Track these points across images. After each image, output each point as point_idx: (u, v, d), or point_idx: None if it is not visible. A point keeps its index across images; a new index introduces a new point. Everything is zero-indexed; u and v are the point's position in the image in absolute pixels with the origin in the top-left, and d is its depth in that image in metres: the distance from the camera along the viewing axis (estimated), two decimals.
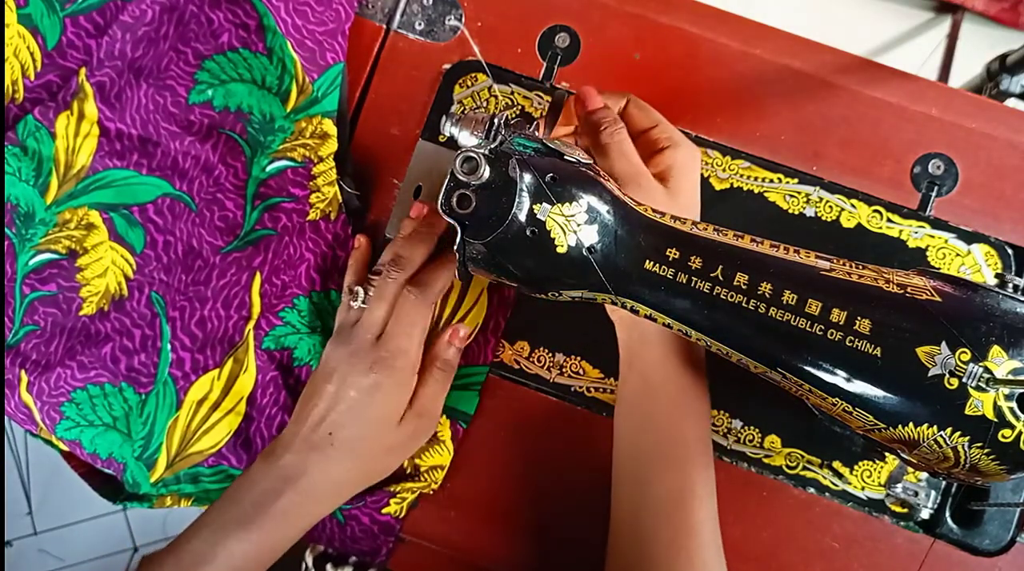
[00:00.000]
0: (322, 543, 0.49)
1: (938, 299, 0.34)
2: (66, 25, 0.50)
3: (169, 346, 0.47)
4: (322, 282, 0.48)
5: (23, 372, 0.48)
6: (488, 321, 0.48)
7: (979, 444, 0.33)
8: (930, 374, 0.33)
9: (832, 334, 0.35)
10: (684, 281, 0.37)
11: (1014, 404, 0.32)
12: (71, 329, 0.49)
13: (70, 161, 0.49)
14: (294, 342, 0.48)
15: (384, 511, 0.47)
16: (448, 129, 0.40)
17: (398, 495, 0.47)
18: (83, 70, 0.49)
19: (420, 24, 0.51)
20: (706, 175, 0.48)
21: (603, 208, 0.37)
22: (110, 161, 0.49)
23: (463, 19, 0.50)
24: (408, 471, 0.48)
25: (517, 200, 0.36)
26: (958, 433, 0.33)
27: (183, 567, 0.41)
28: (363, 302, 0.45)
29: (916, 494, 0.45)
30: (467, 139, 0.39)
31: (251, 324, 0.48)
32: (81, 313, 0.49)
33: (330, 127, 0.48)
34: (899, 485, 0.45)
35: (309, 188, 0.49)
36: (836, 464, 0.46)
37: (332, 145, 0.48)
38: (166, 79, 0.49)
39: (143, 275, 0.49)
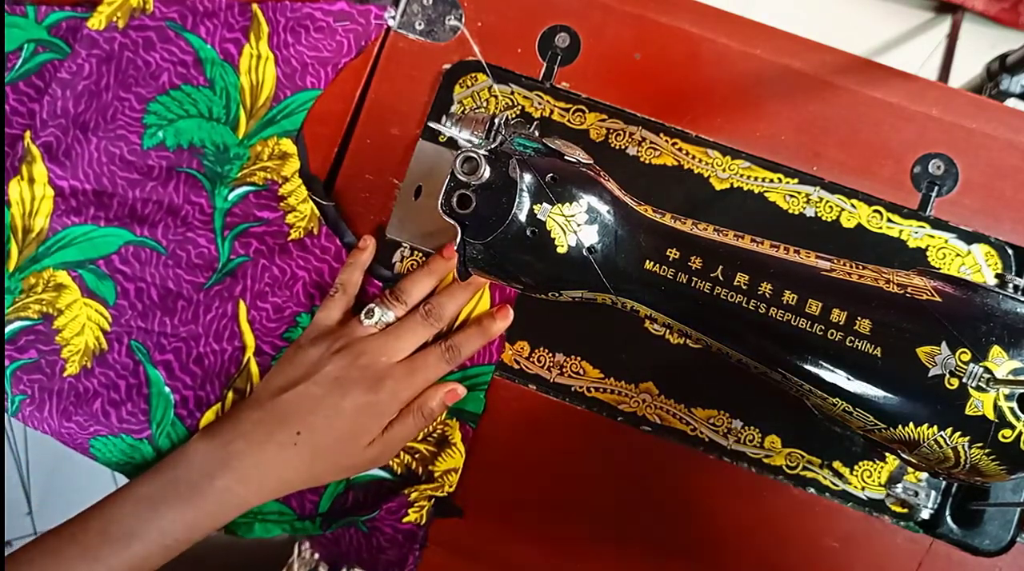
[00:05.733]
0: (351, 556, 0.48)
1: (938, 299, 0.34)
2: (7, 94, 0.50)
3: (167, 389, 0.48)
4: (322, 296, 0.48)
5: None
6: None
7: (979, 444, 0.33)
8: (930, 374, 0.33)
9: (832, 334, 0.35)
10: (684, 281, 0.37)
11: (1014, 404, 0.32)
12: (59, 391, 0.49)
13: (28, 225, 0.49)
14: None
15: (405, 520, 0.46)
16: (448, 129, 0.40)
17: (415, 503, 0.46)
18: (28, 133, 0.49)
19: (420, 24, 0.51)
20: (706, 175, 0.48)
21: (603, 208, 0.37)
22: (67, 219, 0.49)
23: (463, 19, 0.50)
24: (422, 476, 0.47)
25: (517, 200, 0.36)
26: (958, 433, 0.33)
27: (110, 539, 0.39)
28: (377, 323, 0.45)
29: (916, 494, 0.45)
30: (467, 139, 0.39)
31: (249, 353, 0.48)
32: (66, 374, 0.49)
33: (288, 146, 0.49)
34: (899, 485, 0.45)
35: (281, 209, 0.49)
36: (836, 464, 0.46)
37: (294, 163, 0.49)
38: (116, 129, 0.49)
39: (120, 326, 0.49)
